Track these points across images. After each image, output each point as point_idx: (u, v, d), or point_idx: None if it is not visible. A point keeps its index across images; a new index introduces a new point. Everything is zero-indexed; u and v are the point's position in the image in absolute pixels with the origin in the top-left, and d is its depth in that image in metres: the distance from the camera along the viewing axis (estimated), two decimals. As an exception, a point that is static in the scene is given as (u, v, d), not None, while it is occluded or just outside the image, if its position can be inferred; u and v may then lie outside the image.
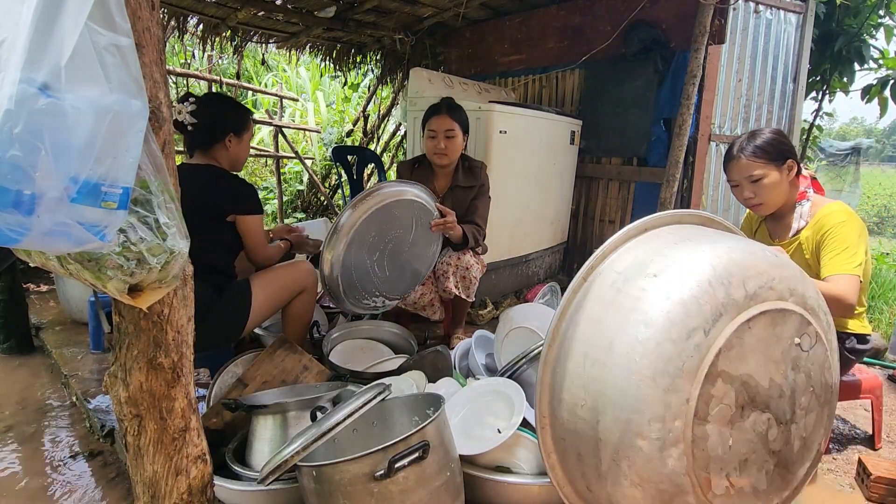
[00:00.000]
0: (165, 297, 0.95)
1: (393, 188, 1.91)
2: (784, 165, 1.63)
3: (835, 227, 1.55)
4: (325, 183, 6.51)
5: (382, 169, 4.80)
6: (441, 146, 2.14)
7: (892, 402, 2.33)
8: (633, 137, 3.26)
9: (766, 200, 1.67)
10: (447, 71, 4.34)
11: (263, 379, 1.57)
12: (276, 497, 1.23)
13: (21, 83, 0.63)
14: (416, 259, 2.10)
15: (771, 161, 1.63)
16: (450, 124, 2.14)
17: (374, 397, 1.13)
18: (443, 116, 2.14)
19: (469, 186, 2.28)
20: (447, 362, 1.74)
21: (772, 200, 1.67)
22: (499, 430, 1.31)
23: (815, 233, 1.61)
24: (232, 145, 1.85)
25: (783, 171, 1.63)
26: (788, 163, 1.63)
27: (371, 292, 2.04)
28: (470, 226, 2.18)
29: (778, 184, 1.64)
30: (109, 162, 0.72)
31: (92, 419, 1.84)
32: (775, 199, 1.67)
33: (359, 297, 2.02)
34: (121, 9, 0.73)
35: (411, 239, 2.01)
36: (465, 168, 2.30)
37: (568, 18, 3.56)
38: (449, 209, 2.06)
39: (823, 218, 1.59)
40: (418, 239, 2.03)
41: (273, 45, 4.51)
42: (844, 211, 1.59)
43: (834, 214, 1.58)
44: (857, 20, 3.82)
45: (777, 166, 1.63)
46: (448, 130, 2.14)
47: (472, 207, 2.27)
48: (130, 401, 0.98)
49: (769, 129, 1.69)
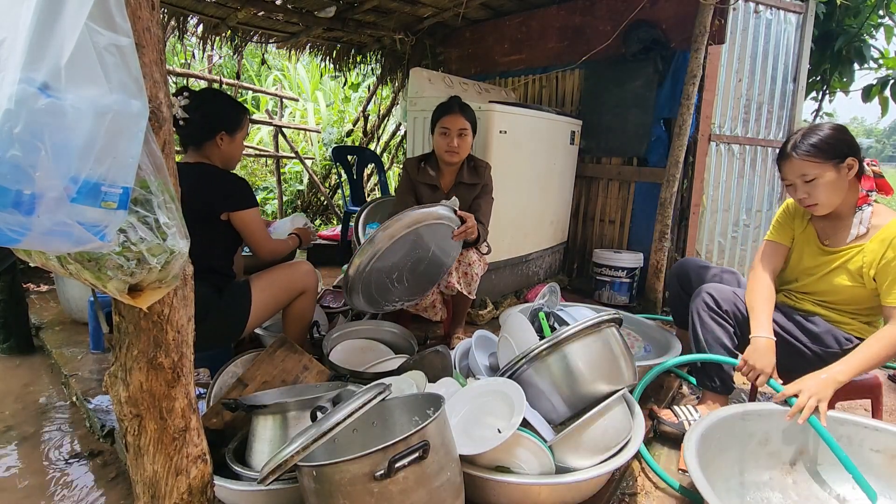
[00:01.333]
0: (165, 297, 0.94)
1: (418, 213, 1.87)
2: (843, 164, 1.52)
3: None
4: (325, 183, 6.51)
5: (382, 169, 4.80)
6: (454, 144, 2.17)
7: (893, 402, 2.33)
8: (633, 137, 3.26)
9: (822, 201, 1.56)
10: (447, 71, 4.34)
11: (263, 379, 1.57)
12: (276, 497, 1.23)
13: (21, 83, 0.63)
14: (436, 266, 2.13)
15: (827, 160, 1.52)
16: (463, 123, 2.18)
17: (374, 397, 1.13)
18: (456, 115, 2.17)
19: (473, 184, 2.31)
20: (447, 362, 1.74)
21: (828, 201, 1.56)
22: (499, 430, 1.30)
23: (884, 247, 1.50)
24: (224, 143, 1.82)
25: (841, 171, 1.53)
26: (848, 161, 1.52)
27: (391, 301, 2.09)
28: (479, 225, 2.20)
29: (835, 184, 1.53)
30: (109, 162, 0.72)
31: (92, 419, 1.84)
32: (832, 199, 1.56)
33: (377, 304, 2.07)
34: (121, 9, 0.73)
35: (431, 253, 2.03)
36: (471, 167, 2.33)
37: (568, 18, 3.56)
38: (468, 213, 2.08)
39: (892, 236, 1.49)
40: (439, 251, 2.06)
41: (273, 45, 4.50)
42: None
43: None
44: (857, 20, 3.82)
45: (834, 165, 1.52)
46: (461, 129, 2.18)
47: (476, 206, 2.29)
48: (130, 401, 0.98)
49: (829, 124, 1.56)
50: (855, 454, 1.45)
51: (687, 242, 3.13)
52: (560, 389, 1.42)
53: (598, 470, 1.29)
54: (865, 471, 1.43)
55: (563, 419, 1.43)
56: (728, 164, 3.26)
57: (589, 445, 1.32)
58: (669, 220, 2.92)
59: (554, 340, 1.42)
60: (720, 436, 1.46)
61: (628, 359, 1.50)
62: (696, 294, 1.77)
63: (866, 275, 1.55)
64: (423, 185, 2.31)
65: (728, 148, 3.24)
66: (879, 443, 1.44)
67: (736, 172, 3.31)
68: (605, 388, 1.41)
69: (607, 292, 3.15)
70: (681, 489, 1.51)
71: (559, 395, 1.42)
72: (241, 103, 1.96)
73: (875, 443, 1.45)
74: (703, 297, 1.73)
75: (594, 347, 1.44)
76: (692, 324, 1.76)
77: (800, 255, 1.75)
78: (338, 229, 4.22)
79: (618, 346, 1.49)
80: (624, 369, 1.47)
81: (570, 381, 1.41)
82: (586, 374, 1.41)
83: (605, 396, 1.39)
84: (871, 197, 1.56)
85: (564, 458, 1.31)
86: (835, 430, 1.48)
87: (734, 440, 1.49)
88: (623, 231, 3.40)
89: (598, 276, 3.19)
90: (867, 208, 1.56)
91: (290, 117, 7.79)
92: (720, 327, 1.69)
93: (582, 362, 1.42)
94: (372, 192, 6.31)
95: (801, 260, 1.74)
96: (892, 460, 1.42)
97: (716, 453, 1.42)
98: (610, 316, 1.51)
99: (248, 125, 1.93)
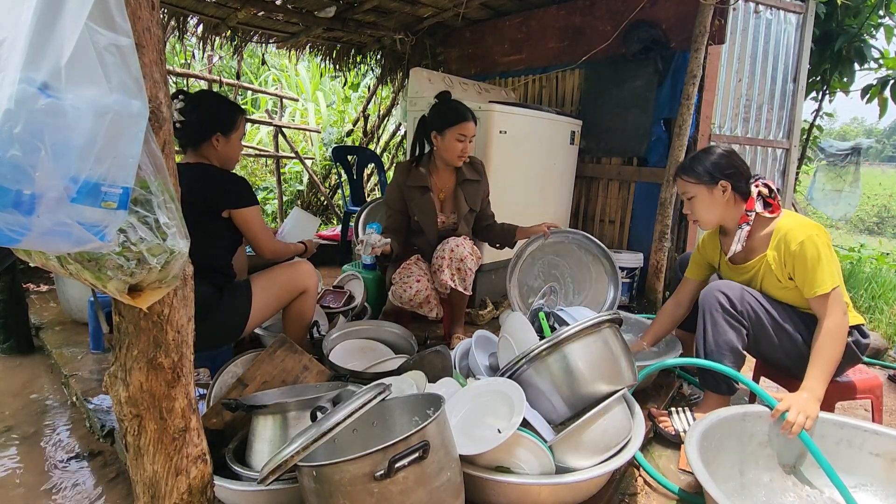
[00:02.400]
0: (165, 297, 0.94)
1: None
2: (716, 186, 1.69)
3: (796, 250, 1.58)
4: (325, 183, 6.51)
5: (382, 169, 4.80)
6: (468, 150, 2.27)
7: (893, 402, 2.33)
8: (633, 137, 3.26)
9: (700, 217, 1.77)
10: (447, 71, 4.34)
11: (263, 379, 1.57)
12: (276, 497, 1.23)
13: (21, 83, 0.63)
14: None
15: (699, 181, 1.71)
16: (475, 130, 2.27)
17: (374, 397, 1.13)
18: (471, 122, 2.25)
19: (476, 180, 2.39)
20: (447, 362, 1.74)
21: (704, 218, 1.77)
22: (499, 430, 1.30)
23: (781, 254, 1.64)
24: (220, 144, 1.83)
25: (714, 192, 1.70)
26: (720, 184, 1.69)
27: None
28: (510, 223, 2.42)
29: (708, 203, 1.73)
30: (109, 162, 0.72)
31: (92, 419, 1.84)
32: (707, 216, 1.76)
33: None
34: (121, 9, 0.73)
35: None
36: (467, 163, 2.37)
37: (568, 18, 3.56)
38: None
39: (785, 236, 1.62)
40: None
41: (273, 45, 4.50)
42: (798, 227, 1.61)
43: (791, 233, 1.61)
44: (857, 20, 3.83)
45: (707, 186, 1.71)
46: (473, 136, 2.27)
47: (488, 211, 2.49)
48: (130, 401, 0.98)
49: (715, 149, 1.74)
50: (855, 458, 1.45)
51: (687, 242, 3.13)
52: (560, 389, 1.42)
53: (598, 470, 1.29)
54: (866, 474, 1.44)
55: (563, 419, 1.43)
56: (728, 164, 3.26)
57: (589, 445, 1.32)
58: (669, 220, 2.92)
59: (554, 340, 1.42)
60: (720, 436, 1.46)
61: (628, 359, 1.50)
62: (706, 293, 1.74)
63: (783, 278, 1.65)
64: (413, 188, 2.31)
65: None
66: (879, 446, 1.44)
67: (736, 172, 3.30)
68: (605, 388, 1.41)
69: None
70: (680, 492, 1.51)
71: (559, 395, 1.42)
72: (235, 104, 1.97)
73: (875, 446, 1.45)
74: (716, 297, 1.69)
75: (594, 347, 1.44)
76: (702, 324, 1.72)
77: (728, 276, 1.86)
78: (338, 229, 4.22)
79: (617, 346, 1.49)
80: (624, 369, 1.47)
81: (570, 381, 1.41)
82: (586, 374, 1.41)
83: (605, 396, 1.39)
84: (749, 216, 1.70)
85: (564, 458, 1.31)
86: (834, 433, 1.48)
87: (734, 440, 1.49)
88: (623, 231, 3.40)
89: (598, 276, 3.19)
90: (745, 227, 1.71)
91: (290, 117, 7.79)
92: (733, 329, 1.66)
93: (582, 362, 1.41)
94: (372, 192, 6.31)
95: (731, 279, 1.82)
96: (892, 464, 1.42)
97: (716, 453, 1.42)
98: (610, 316, 1.51)
99: (244, 125, 1.94)
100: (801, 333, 1.65)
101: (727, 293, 1.68)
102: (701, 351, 1.73)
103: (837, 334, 1.53)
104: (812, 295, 1.57)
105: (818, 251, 1.55)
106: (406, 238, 2.40)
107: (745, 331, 1.67)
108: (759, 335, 1.68)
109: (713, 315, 1.69)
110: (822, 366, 1.52)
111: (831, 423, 1.49)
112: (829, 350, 1.53)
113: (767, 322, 1.67)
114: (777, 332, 1.67)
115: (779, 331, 1.67)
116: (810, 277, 1.56)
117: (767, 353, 1.73)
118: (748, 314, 1.67)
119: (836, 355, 1.53)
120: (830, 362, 1.52)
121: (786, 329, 1.66)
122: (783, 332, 1.66)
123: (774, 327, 1.67)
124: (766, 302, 1.69)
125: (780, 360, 1.71)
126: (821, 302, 1.56)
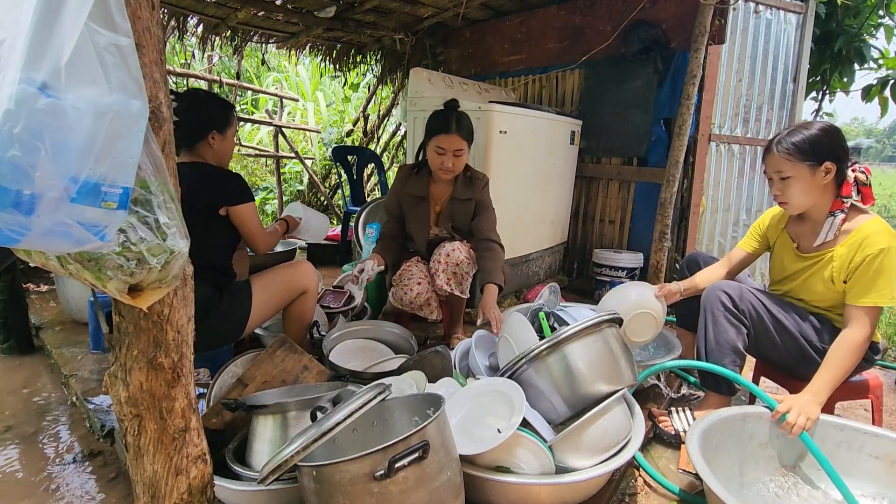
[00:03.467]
0: (165, 297, 0.94)
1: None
2: (820, 167, 1.53)
3: (872, 254, 1.48)
4: (325, 183, 6.51)
5: (382, 169, 4.80)
6: (448, 164, 2.12)
7: (893, 402, 2.33)
8: (633, 137, 3.26)
9: (791, 200, 1.59)
10: (447, 71, 4.34)
11: (263, 379, 1.57)
12: (276, 497, 1.23)
13: (21, 83, 0.63)
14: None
15: (804, 160, 1.53)
16: (459, 144, 2.10)
17: (374, 397, 1.13)
18: (453, 136, 2.08)
19: (467, 199, 2.26)
20: (447, 362, 1.74)
21: (797, 201, 1.59)
22: (499, 430, 1.30)
23: (853, 252, 1.52)
24: (216, 142, 1.84)
25: (817, 174, 1.53)
26: (826, 165, 1.52)
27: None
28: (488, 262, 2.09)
29: (808, 185, 1.55)
30: (109, 162, 0.72)
31: (92, 419, 1.84)
32: (801, 201, 1.58)
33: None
34: (121, 9, 0.73)
35: None
36: (466, 178, 2.27)
37: (568, 18, 3.56)
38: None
39: (865, 239, 1.51)
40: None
41: (273, 45, 4.50)
42: (885, 232, 1.50)
43: (873, 237, 1.50)
44: (857, 20, 3.83)
45: (810, 167, 1.53)
46: (457, 150, 2.11)
47: (479, 226, 2.22)
48: (130, 401, 0.98)
49: (820, 124, 1.55)
50: (854, 460, 1.45)
51: (687, 242, 3.13)
52: (560, 389, 1.42)
53: (598, 470, 1.29)
54: (865, 476, 1.44)
55: (563, 419, 1.43)
56: (728, 164, 3.26)
57: (589, 445, 1.32)
58: (669, 220, 2.92)
59: (554, 340, 1.42)
60: (721, 436, 1.46)
61: (628, 359, 1.50)
62: (708, 291, 1.73)
63: (837, 279, 1.58)
64: (410, 196, 2.28)
65: (728, 148, 3.24)
66: (879, 448, 1.44)
67: (736, 172, 3.31)
68: (605, 388, 1.41)
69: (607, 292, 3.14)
70: (680, 492, 1.50)
71: (559, 395, 1.42)
72: (227, 101, 1.98)
73: (875, 448, 1.45)
74: (718, 296, 1.68)
75: (594, 347, 1.44)
76: (703, 322, 1.71)
77: (780, 261, 1.78)
78: (338, 229, 4.22)
79: (617, 346, 1.49)
80: (624, 369, 1.47)
81: (570, 381, 1.41)
82: (586, 374, 1.41)
83: (604, 396, 1.39)
84: (845, 203, 1.56)
85: (564, 458, 1.31)
86: (834, 435, 1.48)
87: (734, 440, 1.49)
88: (623, 231, 3.40)
89: (598, 276, 3.19)
90: (839, 215, 1.56)
91: (290, 117, 7.79)
92: (734, 328, 1.65)
93: (582, 362, 1.41)
94: (372, 192, 6.31)
95: (783, 266, 1.77)
96: (891, 466, 1.42)
97: (716, 453, 1.42)
98: (610, 316, 1.51)
99: (236, 121, 1.95)
100: (802, 334, 1.65)
101: (729, 292, 1.67)
102: (702, 349, 1.72)
103: (859, 348, 1.49)
104: (861, 303, 1.50)
105: (892, 264, 1.48)
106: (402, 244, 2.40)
107: (746, 330, 1.67)
108: (760, 335, 1.68)
109: (714, 314, 1.68)
110: (832, 373, 1.50)
111: (831, 426, 1.49)
112: (845, 361, 1.49)
113: (769, 322, 1.66)
114: (778, 332, 1.66)
115: (780, 331, 1.66)
116: (871, 285, 1.49)
117: (768, 353, 1.73)
118: (749, 313, 1.66)
119: (849, 367, 1.51)
120: (841, 372, 1.50)
121: (787, 329, 1.65)
122: (785, 332, 1.66)
123: (776, 327, 1.66)
124: (769, 302, 1.68)
125: (781, 360, 1.71)
126: (861, 312, 1.51)
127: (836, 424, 1.49)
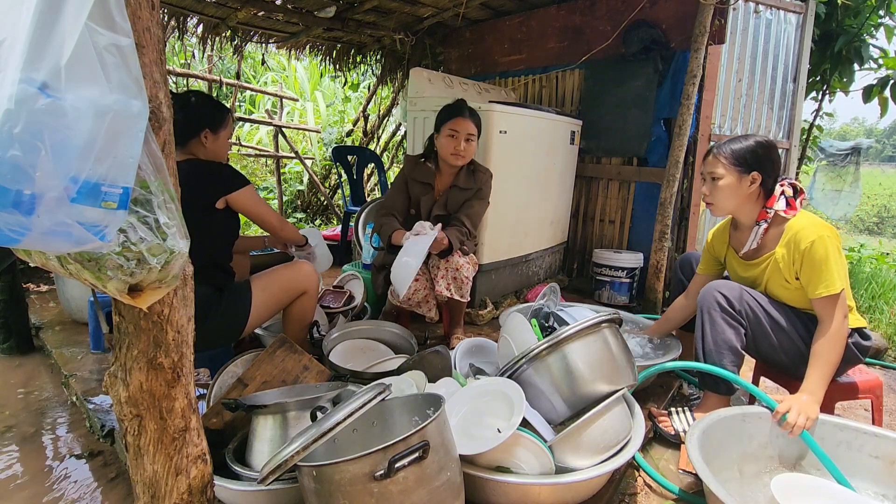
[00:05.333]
0: (165, 297, 0.94)
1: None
2: (748, 176, 1.66)
3: (806, 249, 1.57)
4: (325, 183, 6.51)
5: (382, 169, 4.80)
6: (461, 147, 2.18)
7: (893, 402, 2.33)
8: (633, 137, 3.26)
9: (717, 202, 1.72)
10: (447, 71, 4.34)
11: (263, 379, 1.57)
12: (276, 497, 1.23)
13: (21, 83, 0.63)
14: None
15: (735, 166, 1.66)
16: (471, 128, 2.19)
17: (374, 397, 1.13)
18: (466, 119, 2.18)
19: (466, 189, 2.30)
20: (447, 362, 1.74)
21: (722, 203, 1.72)
22: (499, 430, 1.30)
23: (790, 250, 1.62)
24: (209, 141, 1.83)
25: (743, 181, 1.66)
26: (752, 175, 1.65)
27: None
28: (453, 229, 2.18)
29: (734, 190, 1.68)
30: (109, 162, 0.72)
31: (92, 419, 1.84)
32: (725, 203, 1.71)
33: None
34: (121, 9, 0.73)
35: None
36: (469, 171, 2.32)
37: (568, 18, 3.56)
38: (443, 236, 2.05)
39: (796, 235, 1.61)
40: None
41: (273, 45, 4.50)
42: (811, 226, 1.59)
43: (802, 232, 1.59)
44: (857, 20, 3.82)
45: (739, 172, 1.66)
46: (469, 134, 2.19)
47: (467, 206, 2.28)
48: (130, 401, 0.98)
49: (757, 138, 1.69)
50: (854, 459, 1.46)
51: (687, 242, 3.13)
52: (560, 389, 1.42)
53: (597, 470, 1.29)
54: (865, 476, 1.44)
55: (563, 419, 1.43)
56: (728, 164, 3.26)
57: (589, 445, 1.32)
58: (669, 220, 2.92)
59: (554, 340, 1.42)
60: (720, 436, 1.47)
61: (628, 359, 1.50)
62: (705, 292, 1.74)
63: (790, 278, 1.64)
64: (417, 182, 2.31)
65: (728, 148, 3.23)
66: (879, 448, 1.44)
67: (736, 172, 3.30)
68: (605, 387, 1.41)
69: (607, 292, 3.15)
70: (680, 493, 1.50)
71: (559, 395, 1.42)
72: (223, 104, 1.97)
73: (875, 448, 1.45)
74: (714, 297, 1.70)
75: (594, 347, 1.44)
76: (701, 323, 1.72)
77: (734, 271, 1.87)
78: (338, 229, 4.22)
79: (617, 346, 1.49)
80: (624, 369, 1.47)
81: (569, 381, 1.41)
82: (586, 374, 1.41)
83: (604, 396, 1.39)
84: (769, 213, 1.68)
85: (564, 458, 1.31)
86: (834, 435, 1.48)
87: (734, 441, 1.49)
88: (623, 231, 3.40)
89: (598, 276, 3.19)
90: (763, 224, 1.69)
91: (289, 117, 7.79)
92: (732, 329, 1.67)
93: (582, 362, 1.41)
94: (372, 192, 6.31)
95: (738, 275, 1.84)
96: (891, 466, 1.42)
97: (715, 453, 1.42)
98: (609, 316, 1.51)
99: (231, 125, 1.95)
100: (800, 333, 1.65)
101: (725, 293, 1.68)
102: (700, 350, 1.73)
103: (837, 337, 1.54)
104: (816, 295, 1.57)
105: (827, 252, 1.55)
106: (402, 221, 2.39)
107: (743, 330, 1.67)
108: (758, 335, 1.68)
109: (711, 314, 1.69)
110: (820, 368, 1.53)
111: (831, 426, 1.49)
112: (828, 353, 1.54)
113: (766, 322, 1.67)
114: (776, 332, 1.67)
115: (777, 331, 1.67)
116: (816, 278, 1.56)
117: (766, 354, 1.73)
118: (746, 313, 1.67)
119: (834, 358, 1.54)
120: (829, 365, 1.53)
121: (784, 329, 1.66)
122: (782, 332, 1.66)
123: (773, 327, 1.67)
124: (765, 302, 1.69)
125: (780, 360, 1.71)
126: (823, 303, 1.56)
127: (836, 424, 1.49)
